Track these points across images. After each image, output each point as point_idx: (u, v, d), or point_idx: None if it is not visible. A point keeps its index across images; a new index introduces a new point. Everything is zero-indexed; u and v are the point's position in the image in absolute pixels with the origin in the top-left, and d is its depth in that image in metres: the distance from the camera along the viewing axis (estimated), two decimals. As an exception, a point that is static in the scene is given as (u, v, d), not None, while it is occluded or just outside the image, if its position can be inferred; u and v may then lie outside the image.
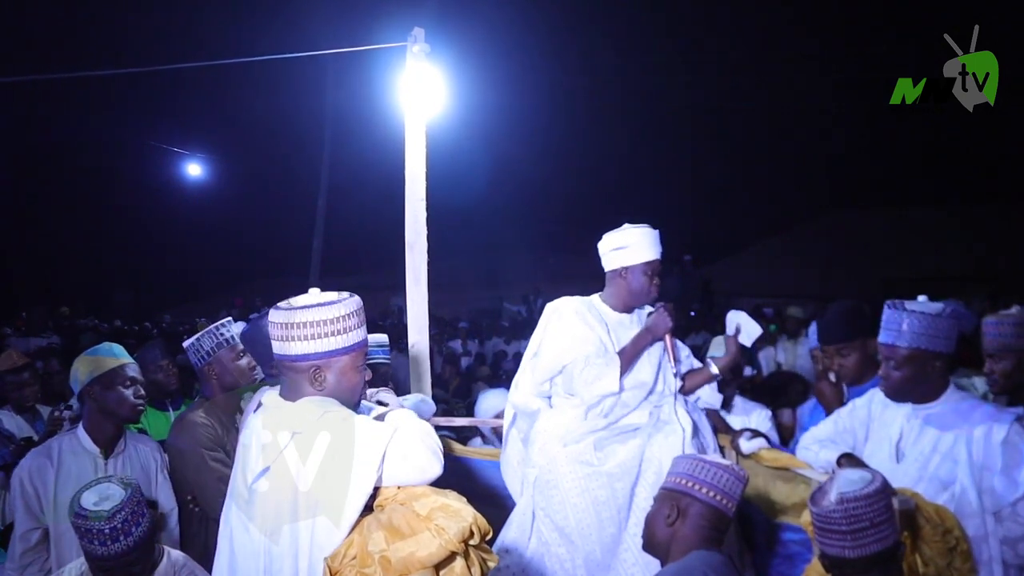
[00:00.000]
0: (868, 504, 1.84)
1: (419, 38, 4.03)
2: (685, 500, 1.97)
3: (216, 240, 27.07)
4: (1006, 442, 2.27)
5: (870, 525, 1.84)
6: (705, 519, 1.95)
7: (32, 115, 19.35)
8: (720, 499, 1.95)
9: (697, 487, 1.97)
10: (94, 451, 2.77)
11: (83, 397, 2.79)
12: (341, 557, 1.79)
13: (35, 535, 2.68)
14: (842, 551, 1.86)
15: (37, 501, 2.67)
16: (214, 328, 3.08)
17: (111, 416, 2.78)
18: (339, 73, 15.78)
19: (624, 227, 3.03)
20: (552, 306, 3.10)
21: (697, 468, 1.99)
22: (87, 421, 2.80)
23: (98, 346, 2.92)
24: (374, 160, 11.58)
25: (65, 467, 2.72)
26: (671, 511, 1.97)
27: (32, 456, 2.76)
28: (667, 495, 2.02)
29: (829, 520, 1.87)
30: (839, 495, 1.87)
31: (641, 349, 2.96)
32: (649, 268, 2.98)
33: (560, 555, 2.80)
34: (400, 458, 1.89)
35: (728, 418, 3.63)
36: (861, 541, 1.84)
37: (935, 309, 2.37)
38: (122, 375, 2.78)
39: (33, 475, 2.69)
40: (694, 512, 1.95)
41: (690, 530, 1.94)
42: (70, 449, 2.76)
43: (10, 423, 3.63)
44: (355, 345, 2.00)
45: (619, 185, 24.05)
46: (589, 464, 2.78)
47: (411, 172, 3.95)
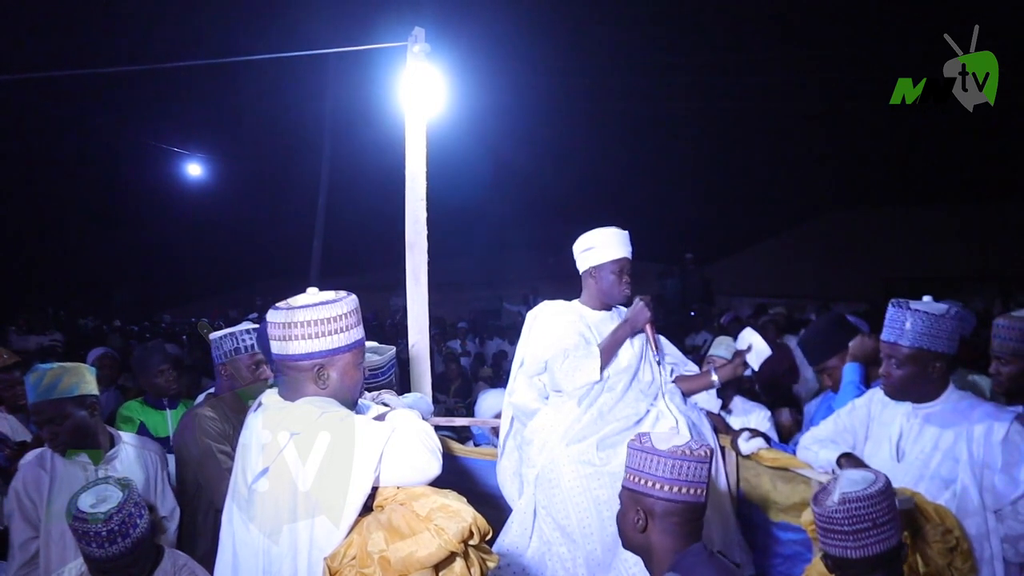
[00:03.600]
0: (870, 504, 1.84)
1: (419, 38, 4.03)
2: (648, 501, 1.78)
3: (216, 240, 27.05)
4: (1006, 440, 2.28)
5: (872, 526, 1.84)
6: (677, 516, 1.76)
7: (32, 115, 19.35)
8: (685, 491, 1.75)
9: (657, 485, 1.76)
10: (83, 459, 2.76)
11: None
12: (341, 557, 1.79)
13: (34, 544, 2.67)
14: (845, 551, 1.86)
15: (35, 511, 2.67)
16: (237, 332, 3.12)
17: (73, 438, 2.73)
18: (340, 73, 15.77)
19: (594, 230, 3.13)
20: (532, 312, 3.21)
21: (649, 463, 1.78)
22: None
23: (78, 366, 2.83)
24: (374, 160, 11.57)
25: (59, 475, 2.71)
26: (638, 516, 1.79)
27: (26, 467, 2.75)
28: (629, 496, 1.83)
29: (831, 520, 1.87)
30: (842, 495, 1.86)
31: (620, 340, 3.03)
32: (616, 266, 3.08)
33: (561, 554, 2.81)
34: (398, 458, 1.89)
35: (728, 418, 3.63)
36: (863, 541, 1.83)
37: (939, 310, 2.37)
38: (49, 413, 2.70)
39: (28, 486, 2.68)
40: (660, 511, 1.76)
41: (663, 535, 1.77)
42: (62, 457, 2.75)
43: (3, 423, 3.62)
44: (356, 342, 2.03)
45: (619, 185, 24.04)
46: (591, 464, 2.79)
47: (411, 172, 3.95)
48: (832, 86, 19.86)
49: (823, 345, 3.33)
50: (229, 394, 3.03)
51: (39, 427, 2.76)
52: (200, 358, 8.18)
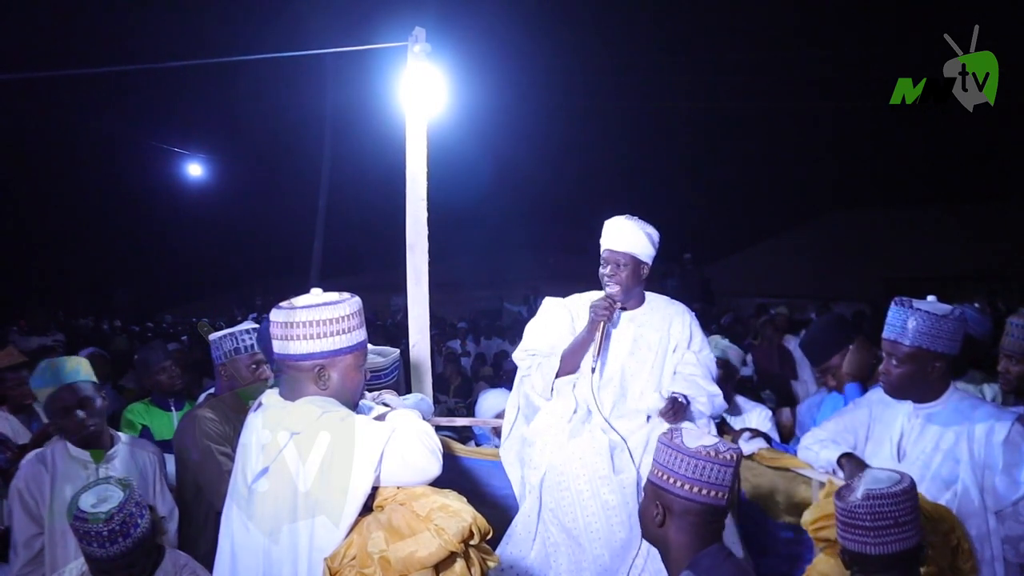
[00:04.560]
0: (894, 503, 1.84)
1: (420, 38, 4.03)
2: (668, 497, 1.76)
3: (216, 240, 27.08)
4: (1007, 441, 2.28)
5: (894, 524, 1.83)
6: (694, 515, 1.74)
7: (32, 115, 19.35)
8: (706, 492, 1.72)
9: (678, 483, 1.74)
10: (84, 456, 2.77)
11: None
12: (341, 557, 1.79)
13: (38, 542, 2.68)
14: (863, 547, 1.85)
15: (37, 508, 2.68)
16: (238, 332, 3.11)
17: (70, 433, 2.77)
18: (340, 73, 15.81)
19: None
20: (548, 299, 3.17)
21: (674, 460, 1.76)
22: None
23: (63, 361, 2.86)
24: (375, 160, 11.58)
25: (60, 473, 2.72)
26: (657, 510, 1.78)
27: (28, 464, 2.77)
28: (651, 490, 1.83)
29: (854, 515, 1.86)
30: (866, 491, 1.86)
31: (580, 342, 2.96)
32: (601, 257, 3.01)
33: (567, 558, 2.79)
34: (398, 458, 1.89)
35: (728, 418, 3.63)
36: (883, 539, 1.83)
37: (942, 310, 2.37)
38: (69, 397, 2.74)
39: (30, 483, 2.70)
40: (679, 509, 1.74)
41: (681, 532, 1.75)
42: (63, 455, 2.77)
43: (4, 425, 3.61)
44: (358, 345, 2.02)
45: (619, 185, 24.05)
46: (602, 469, 2.77)
47: (412, 172, 3.95)
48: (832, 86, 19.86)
49: (824, 345, 3.34)
50: (229, 394, 3.04)
51: (62, 415, 2.75)
52: (201, 358, 8.18)
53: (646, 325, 3.05)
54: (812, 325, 3.39)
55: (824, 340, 3.34)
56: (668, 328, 3.05)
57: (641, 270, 3.00)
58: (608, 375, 2.98)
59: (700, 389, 2.93)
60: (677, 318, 3.08)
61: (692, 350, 3.05)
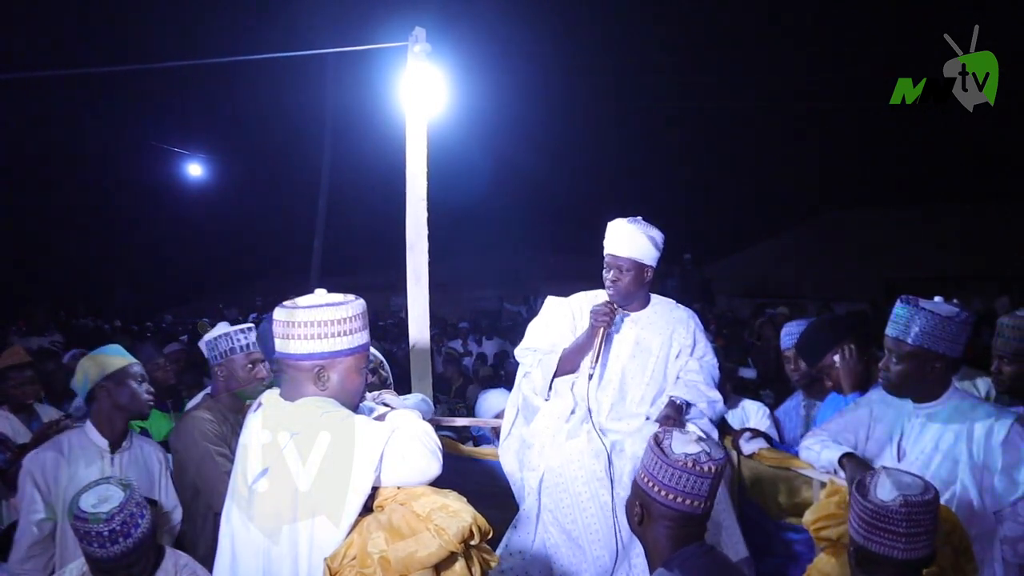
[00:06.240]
0: (927, 510, 1.83)
1: (420, 38, 4.03)
2: (647, 499, 1.80)
3: (216, 240, 27.07)
4: (1007, 442, 2.28)
5: (925, 531, 1.82)
6: (671, 520, 1.77)
7: (32, 114, 19.36)
8: (681, 500, 1.75)
9: (656, 488, 1.77)
10: (103, 444, 2.82)
11: (93, 394, 2.85)
12: (341, 557, 1.79)
13: (47, 526, 2.70)
14: (892, 551, 1.83)
15: (50, 493, 2.71)
16: (232, 332, 3.11)
17: (123, 411, 2.85)
18: (340, 73, 15.77)
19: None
20: (551, 298, 3.18)
21: (656, 465, 1.79)
22: (95, 417, 2.86)
23: (105, 347, 3.01)
24: (375, 160, 11.58)
25: (75, 460, 2.76)
26: (637, 510, 1.83)
27: (43, 449, 2.81)
28: (634, 489, 1.87)
29: (889, 520, 1.83)
30: (904, 497, 1.82)
31: (581, 344, 2.96)
32: (604, 259, 2.99)
33: (566, 558, 2.79)
34: (398, 458, 1.89)
35: (728, 418, 3.63)
36: (913, 545, 1.82)
37: (947, 312, 2.36)
38: (132, 372, 2.88)
39: (46, 467, 2.73)
40: (656, 513, 1.78)
41: (658, 535, 1.79)
42: (79, 443, 2.81)
43: (4, 424, 3.62)
44: (359, 347, 2.02)
45: (619, 185, 24.04)
46: (600, 471, 2.77)
47: (412, 172, 3.95)
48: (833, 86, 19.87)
49: (818, 344, 3.28)
50: (226, 395, 3.04)
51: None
52: (201, 357, 8.19)
53: (649, 328, 3.05)
54: (804, 330, 3.36)
55: (817, 339, 3.29)
56: (671, 333, 3.05)
57: (645, 274, 2.99)
58: (608, 377, 2.98)
59: (701, 394, 2.95)
60: (681, 324, 3.08)
61: (695, 356, 3.05)
